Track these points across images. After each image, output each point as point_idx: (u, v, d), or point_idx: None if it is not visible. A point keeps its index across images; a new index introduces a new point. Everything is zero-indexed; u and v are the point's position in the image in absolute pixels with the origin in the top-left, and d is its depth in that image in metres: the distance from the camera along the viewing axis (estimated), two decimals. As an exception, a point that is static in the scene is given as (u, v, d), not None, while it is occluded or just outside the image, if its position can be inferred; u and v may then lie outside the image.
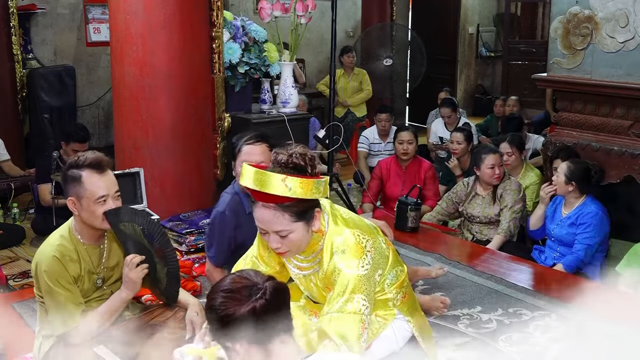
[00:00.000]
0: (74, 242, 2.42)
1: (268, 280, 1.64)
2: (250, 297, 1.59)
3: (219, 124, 4.34)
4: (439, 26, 9.67)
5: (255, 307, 1.57)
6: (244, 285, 1.62)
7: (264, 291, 1.60)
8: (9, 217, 5.15)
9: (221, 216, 3.02)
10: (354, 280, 2.09)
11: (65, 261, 2.35)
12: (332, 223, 2.17)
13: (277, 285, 1.64)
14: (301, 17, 4.43)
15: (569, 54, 4.28)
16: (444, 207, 4.44)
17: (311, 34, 8.06)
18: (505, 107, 7.02)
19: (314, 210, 2.10)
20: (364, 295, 2.09)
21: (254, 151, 2.88)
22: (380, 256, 2.22)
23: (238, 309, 1.58)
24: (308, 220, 2.08)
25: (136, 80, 4.01)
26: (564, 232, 3.79)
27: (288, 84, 4.57)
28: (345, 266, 2.10)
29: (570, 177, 3.73)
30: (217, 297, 1.63)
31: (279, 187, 1.95)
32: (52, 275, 2.32)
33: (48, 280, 2.31)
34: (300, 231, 2.06)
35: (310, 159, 2.03)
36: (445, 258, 3.71)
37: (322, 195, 2.05)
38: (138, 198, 3.68)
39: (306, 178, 1.98)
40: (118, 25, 4.03)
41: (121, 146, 4.19)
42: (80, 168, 2.35)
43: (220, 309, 1.61)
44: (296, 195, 1.96)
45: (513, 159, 4.64)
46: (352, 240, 2.13)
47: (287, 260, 2.31)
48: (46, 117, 5.99)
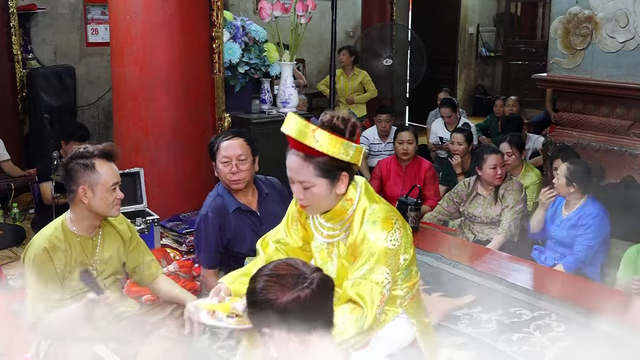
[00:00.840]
0: (66, 234, 2.47)
1: (316, 271, 1.61)
2: (296, 285, 1.55)
3: (219, 124, 4.34)
4: (439, 26, 9.66)
5: (300, 296, 1.54)
6: (291, 272, 1.59)
7: (311, 281, 1.57)
8: (9, 217, 5.15)
9: (204, 219, 3.05)
10: (380, 252, 2.11)
11: (54, 252, 2.40)
12: (364, 196, 2.20)
13: (325, 277, 1.61)
14: (301, 17, 4.43)
15: (569, 54, 4.28)
16: (445, 206, 4.44)
17: (311, 34, 8.05)
18: (505, 108, 7.02)
19: (341, 173, 2.11)
20: (388, 270, 2.12)
21: (232, 145, 2.98)
22: (407, 239, 2.23)
23: (282, 296, 1.55)
24: (332, 180, 2.10)
25: (136, 80, 4.00)
26: (564, 233, 3.78)
27: (288, 84, 4.57)
28: (375, 237, 2.12)
29: (571, 178, 3.72)
30: (261, 281, 1.60)
31: (308, 137, 2.02)
32: (37, 266, 2.37)
33: (32, 269, 2.37)
34: (323, 188, 2.10)
35: (352, 125, 2.07)
36: (445, 258, 3.71)
37: (351, 160, 2.07)
38: (138, 198, 3.69)
39: (335, 136, 2.03)
40: (118, 25, 4.03)
41: (121, 146, 4.16)
42: (93, 157, 2.43)
43: (262, 292, 1.58)
44: (322, 149, 2.02)
45: (513, 159, 4.64)
46: (382, 214, 2.15)
47: (314, 228, 2.31)
48: (46, 117, 5.99)
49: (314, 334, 1.57)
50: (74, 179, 2.43)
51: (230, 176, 3.00)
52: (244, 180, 3.03)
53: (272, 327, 1.56)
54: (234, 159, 2.99)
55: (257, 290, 1.59)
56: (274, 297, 1.55)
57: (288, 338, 1.56)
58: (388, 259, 2.12)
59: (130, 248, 2.66)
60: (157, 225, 3.73)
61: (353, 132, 2.08)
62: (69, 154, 2.50)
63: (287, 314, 1.54)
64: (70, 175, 2.44)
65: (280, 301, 1.54)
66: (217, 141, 3.05)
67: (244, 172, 3.00)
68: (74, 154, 2.46)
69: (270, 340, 1.58)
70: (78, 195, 2.43)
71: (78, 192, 2.43)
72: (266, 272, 1.62)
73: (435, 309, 2.88)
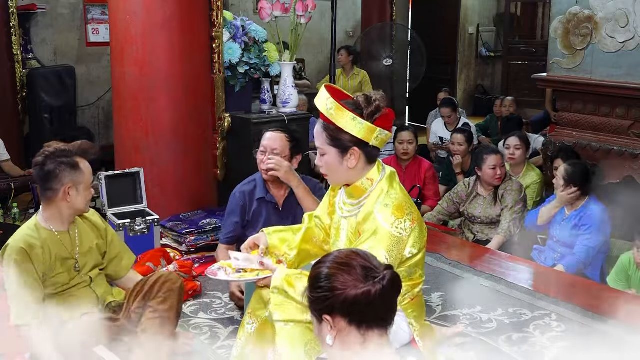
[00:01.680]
0: (42, 232, 2.49)
1: (387, 268, 1.59)
2: (367, 279, 1.54)
3: (219, 124, 4.34)
4: (439, 26, 9.66)
5: (371, 291, 1.53)
6: (362, 265, 1.57)
7: (382, 277, 1.55)
8: (9, 217, 5.14)
9: (232, 197, 3.30)
10: (384, 234, 2.13)
11: (32, 250, 2.42)
12: (386, 180, 2.24)
13: (395, 275, 1.60)
14: (301, 17, 4.43)
15: (569, 54, 4.28)
16: (445, 207, 4.44)
17: (311, 34, 8.05)
18: (502, 108, 7.01)
19: (351, 147, 2.18)
20: (387, 254, 2.12)
21: (272, 137, 3.16)
22: (418, 235, 2.23)
23: (353, 287, 1.53)
24: (342, 151, 2.19)
25: (136, 80, 4.01)
26: (566, 233, 3.77)
27: (288, 84, 4.57)
28: (382, 218, 2.14)
29: (570, 180, 3.71)
30: (328, 268, 1.59)
31: (322, 103, 2.16)
32: (16, 267, 2.38)
33: (11, 271, 2.38)
34: (333, 157, 2.20)
35: (376, 106, 2.15)
36: (445, 258, 3.71)
37: (357, 134, 2.14)
38: (138, 198, 3.69)
39: (346, 108, 2.12)
40: (118, 25, 4.03)
41: (121, 146, 4.19)
42: (74, 156, 2.46)
43: (329, 279, 1.56)
44: (331, 118, 2.14)
45: (520, 153, 4.64)
46: (397, 201, 2.18)
47: (337, 206, 2.37)
48: (46, 117, 5.98)
49: (374, 331, 1.56)
50: (58, 177, 2.43)
51: (262, 165, 3.17)
52: (274, 174, 3.16)
53: (335, 314, 1.55)
54: (269, 150, 3.14)
55: (324, 276, 1.57)
56: (342, 286, 1.54)
57: (349, 330, 1.55)
58: (390, 244, 2.13)
59: (108, 239, 2.70)
60: (157, 225, 3.73)
61: (372, 113, 2.15)
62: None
63: (354, 306, 1.53)
64: (52, 174, 2.43)
65: (350, 292, 1.53)
66: (265, 131, 3.25)
67: (274, 164, 3.13)
68: (52, 152, 2.45)
69: (327, 327, 1.57)
70: (59, 194, 2.45)
71: (60, 191, 2.44)
72: (336, 260, 1.60)
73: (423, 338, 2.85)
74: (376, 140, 2.17)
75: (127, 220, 3.43)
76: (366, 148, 2.19)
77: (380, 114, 2.17)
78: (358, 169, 2.22)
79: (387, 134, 2.19)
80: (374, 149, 2.21)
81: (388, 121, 2.21)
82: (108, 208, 3.49)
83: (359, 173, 2.23)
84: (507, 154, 4.72)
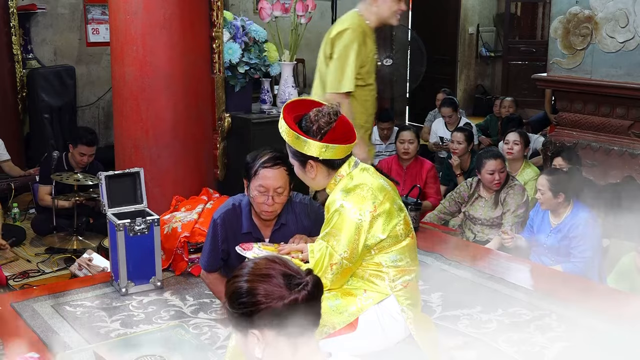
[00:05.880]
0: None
1: (309, 273, 1.55)
2: (291, 287, 1.49)
3: (219, 124, 4.34)
4: (439, 26, 9.65)
5: (298, 298, 1.48)
6: (282, 272, 1.52)
7: (306, 283, 1.50)
8: (9, 217, 5.15)
9: (214, 224, 2.93)
10: (342, 219, 2.23)
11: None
12: (360, 172, 2.34)
13: (318, 280, 1.55)
14: (301, 17, 4.44)
15: (569, 54, 4.28)
16: (447, 206, 4.44)
17: (311, 34, 8.04)
18: (502, 109, 7.01)
19: (307, 161, 2.32)
20: (345, 242, 2.21)
21: (273, 176, 2.72)
22: (385, 219, 2.27)
23: (277, 297, 1.48)
24: (302, 164, 2.35)
25: (136, 80, 4.01)
26: (556, 244, 3.72)
27: (288, 84, 4.57)
28: (340, 204, 2.24)
29: (556, 189, 3.63)
30: (248, 281, 1.52)
31: (279, 124, 2.33)
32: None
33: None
34: (298, 169, 2.40)
35: (319, 125, 2.26)
36: (445, 258, 3.71)
37: (306, 152, 2.28)
38: (138, 198, 3.68)
39: (292, 129, 2.27)
40: (118, 25, 4.03)
41: (121, 146, 4.19)
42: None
43: (251, 293, 1.49)
44: (284, 138, 2.32)
45: (518, 149, 4.65)
46: (362, 190, 2.26)
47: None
48: (46, 117, 5.99)
49: (305, 336, 1.52)
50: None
51: (265, 207, 2.76)
52: (276, 213, 2.84)
53: (262, 329, 1.50)
54: (272, 190, 2.72)
55: (245, 291, 1.50)
56: (266, 299, 1.48)
57: (278, 340, 1.50)
58: (348, 229, 2.21)
59: None
60: (157, 225, 3.72)
61: (318, 130, 2.26)
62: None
63: (282, 317, 1.48)
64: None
65: (277, 304, 1.48)
66: (256, 163, 2.75)
67: (279, 204, 2.79)
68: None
69: (256, 341, 1.51)
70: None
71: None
72: (253, 272, 1.53)
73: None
74: (326, 154, 2.27)
75: (127, 220, 3.41)
76: (322, 160, 2.30)
77: (329, 129, 2.26)
78: (321, 177, 2.35)
79: (337, 147, 2.27)
80: (333, 158, 2.31)
81: (338, 133, 2.29)
82: (108, 208, 3.49)
83: (324, 179, 2.36)
84: (506, 149, 4.73)
